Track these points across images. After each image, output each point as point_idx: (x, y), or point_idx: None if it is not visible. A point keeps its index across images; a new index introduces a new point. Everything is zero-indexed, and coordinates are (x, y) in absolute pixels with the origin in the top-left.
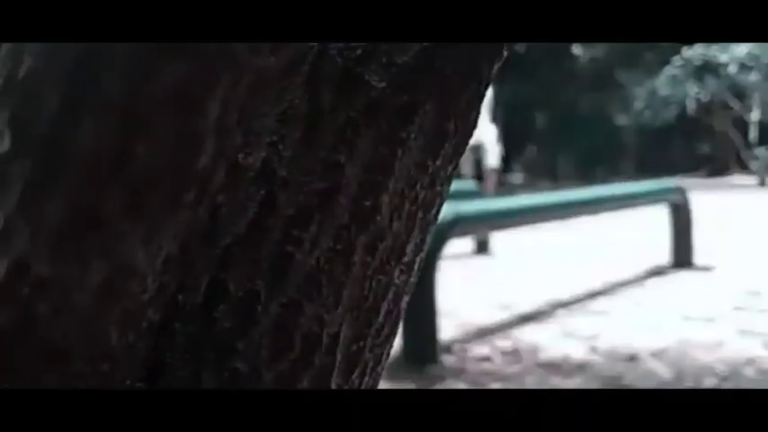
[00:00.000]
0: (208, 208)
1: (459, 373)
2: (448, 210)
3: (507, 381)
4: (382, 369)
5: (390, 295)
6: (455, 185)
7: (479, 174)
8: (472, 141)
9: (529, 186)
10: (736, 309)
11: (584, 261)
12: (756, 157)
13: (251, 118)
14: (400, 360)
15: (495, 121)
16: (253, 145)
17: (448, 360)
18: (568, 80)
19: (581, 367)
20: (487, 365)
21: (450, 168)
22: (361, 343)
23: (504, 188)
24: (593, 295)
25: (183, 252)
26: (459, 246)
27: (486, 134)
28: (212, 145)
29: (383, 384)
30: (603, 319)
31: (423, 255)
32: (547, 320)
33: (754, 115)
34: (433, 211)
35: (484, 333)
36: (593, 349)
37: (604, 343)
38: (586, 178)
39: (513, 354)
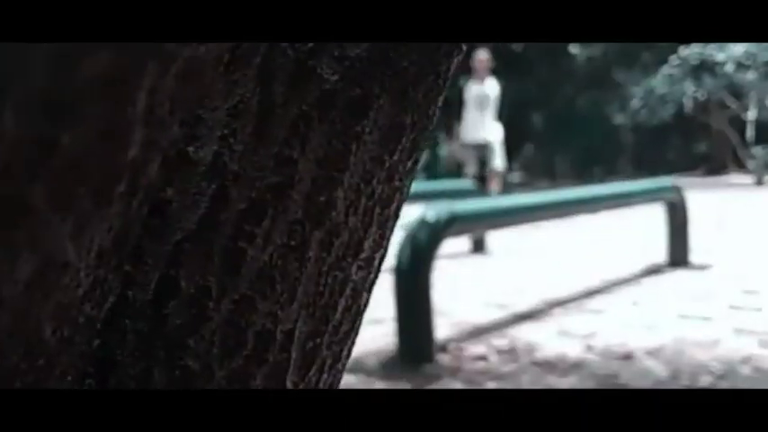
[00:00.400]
0: (144, 201)
1: (454, 371)
2: (443, 209)
3: (503, 379)
4: (343, 366)
5: (348, 291)
6: (452, 184)
7: (482, 174)
8: (477, 140)
9: (527, 185)
10: (733, 307)
11: (580, 260)
12: (753, 156)
13: (187, 108)
14: (396, 359)
15: (500, 119)
16: (203, 138)
17: (443, 359)
18: (565, 79)
19: (577, 366)
20: (483, 364)
21: (409, 163)
22: (318, 340)
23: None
24: (590, 294)
25: (119, 246)
26: (455, 245)
27: (492, 133)
28: (141, 135)
29: (379, 383)
30: (599, 318)
31: (384, 251)
32: (543, 319)
33: (751, 114)
34: (393, 207)
35: (480, 332)
36: (589, 348)
37: (600, 341)
38: (584, 177)
39: (509, 352)
